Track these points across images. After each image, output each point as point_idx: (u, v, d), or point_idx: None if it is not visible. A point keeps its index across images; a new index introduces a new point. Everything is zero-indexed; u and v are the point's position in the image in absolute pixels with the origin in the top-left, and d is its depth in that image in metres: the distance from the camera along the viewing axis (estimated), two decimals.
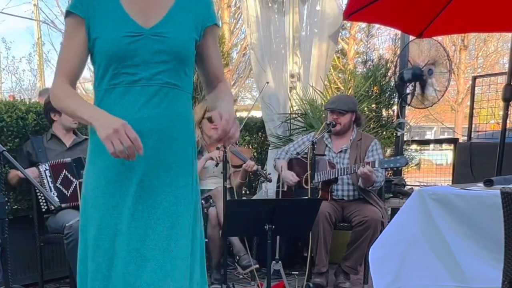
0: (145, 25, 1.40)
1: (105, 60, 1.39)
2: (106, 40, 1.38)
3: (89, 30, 1.40)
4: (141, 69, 1.39)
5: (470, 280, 2.08)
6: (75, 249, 2.69)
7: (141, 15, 1.41)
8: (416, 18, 3.84)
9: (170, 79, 1.43)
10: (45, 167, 2.94)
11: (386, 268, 2.27)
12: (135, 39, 1.38)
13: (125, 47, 1.37)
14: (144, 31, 1.40)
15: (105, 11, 1.39)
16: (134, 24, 1.40)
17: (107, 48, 1.38)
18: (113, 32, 1.38)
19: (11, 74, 17.95)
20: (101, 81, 1.42)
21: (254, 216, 2.48)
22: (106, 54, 1.38)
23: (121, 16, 1.39)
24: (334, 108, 3.29)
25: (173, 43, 1.41)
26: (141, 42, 1.39)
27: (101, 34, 1.38)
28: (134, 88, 1.39)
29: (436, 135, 16.07)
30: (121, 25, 1.39)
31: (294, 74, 4.57)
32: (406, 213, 2.31)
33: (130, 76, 1.39)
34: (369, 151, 3.28)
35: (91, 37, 1.40)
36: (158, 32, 1.41)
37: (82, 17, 1.39)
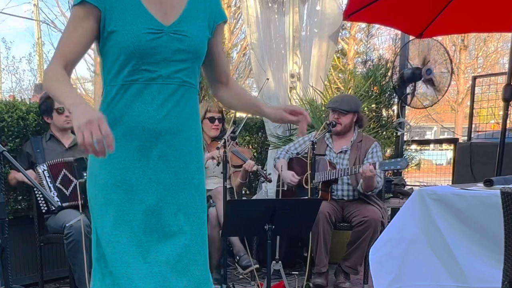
0: (164, 22, 1.39)
1: (124, 56, 1.36)
2: (127, 35, 1.35)
3: (104, 22, 1.36)
4: (160, 66, 1.38)
5: (470, 280, 2.08)
6: (75, 249, 2.72)
7: (159, 12, 1.39)
8: (416, 18, 3.85)
9: (187, 78, 1.43)
10: (43, 167, 2.94)
11: (386, 268, 2.27)
12: (157, 36, 1.37)
13: (147, 43, 1.35)
14: (164, 29, 1.38)
15: (123, 4, 1.36)
16: (155, 21, 1.37)
17: (127, 43, 1.35)
18: (134, 27, 1.35)
19: (11, 74, 17.99)
20: (117, 75, 1.39)
21: (254, 216, 2.48)
22: (126, 50, 1.35)
23: (141, 11, 1.37)
24: (336, 107, 3.28)
25: (192, 42, 1.41)
26: (161, 40, 1.37)
27: (120, 28, 1.35)
28: (153, 85, 1.38)
29: (436, 135, 16.07)
30: (142, 21, 1.36)
31: (294, 74, 4.57)
32: (406, 213, 2.31)
33: (149, 73, 1.38)
34: (369, 153, 3.28)
35: (106, 29, 1.36)
36: (177, 30, 1.39)
37: (99, 8, 1.35)
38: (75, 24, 1.37)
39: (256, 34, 4.51)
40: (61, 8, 15.91)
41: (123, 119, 1.39)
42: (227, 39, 11.32)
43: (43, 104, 3.10)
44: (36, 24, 15.89)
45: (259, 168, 3.36)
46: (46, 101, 3.09)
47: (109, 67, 1.41)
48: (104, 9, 1.35)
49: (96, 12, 1.35)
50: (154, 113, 1.38)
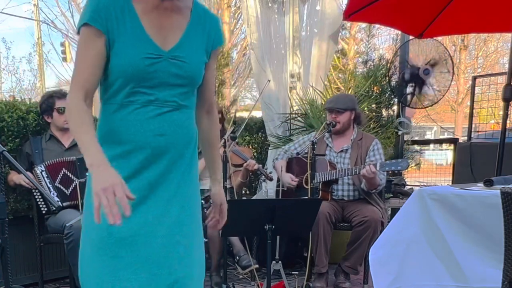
0: (163, 47, 1.40)
1: (122, 78, 1.38)
2: (126, 58, 1.36)
3: (108, 43, 1.37)
4: (158, 90, 1.40)
5: (470, 280, 2.08)
6: (75, 249, 2.71)
7: (159, 36, 1.40)
8: (417, 19, 3.84)
9: (183, 101, 1.45)
10: (41, 168, 2.93)
11: (386, 268, 2.27)
12: (155, 62, 1.38)
13: (145, 68, 1.37)
14: (163, 54, 1.39)
15: (124, 28, 1.37)
16: (154, 45, 1.39)
17: (126, 67, 1.36)
18: (133, 51, 1.37)
19: (11, 74, 17.98)
20: (115, 95, 1.41)
21: (254, 216, 2.48)
22: (124, 73, 1.37)
23: (141, 36, 1.38)
24: (332, 107, 3.28)
25: (189, 68, 1.43)
26: (160, 65, 1.39)
27: (120, 51, 1.36)
28: (149, 107, 1.40)
29: (436, 135, 16.06)
30: (141, 45, 1.37)
31: (294, 74, 4.57)
32: (406, 213, 2.31)
33: (146, 96, 1.40)
34: (370, 151, 3.28)
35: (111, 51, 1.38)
36: (176, 56, 1.41)
37: (102, 31, 1.35)
38: (85, 47, 1.37)
39: (256, 34, 4.51)
40: (61, 8, 15.88)
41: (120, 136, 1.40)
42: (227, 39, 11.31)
43: (43, 103, 3.10)
44: (36, 24, 15.89)
45: (260, 167, 3.36)
46: (47, 100, 3.09)
47: (107, 86, 1.42)
48: (106, 31, 1.36)
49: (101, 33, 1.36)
50: (150, 132, 1.40)
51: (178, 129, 1.44)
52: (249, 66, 11.73)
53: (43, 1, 17.20)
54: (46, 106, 3.09)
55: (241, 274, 3.44)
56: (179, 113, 1.44)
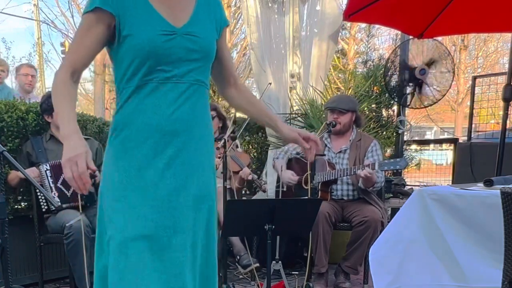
0: (176, 25, 1.45)
1: (140, 58, 1.41)
2: (142, 37, 1.40)
3: (119, 27, 1.41)
4: (175, 66, 1.44)
5: (470, 280, 2.08)
6: (75, 249, 2.72)
7: (170, 14, 1.45)
8: (417, 19, 3.84)
9: (199, 76, 1.49)
10: (46, 167, 2.94)
11: (386, 268, 2.27)
12: (170, 38, 1.42)
13: (162, 44, 1.41)
14: (177, 30, 1.44)
15: (135, 9, 1.41)
16: (167, 23, 1.43)
17: (143, 46, 1.40)
18: (148, 30, 1.41)
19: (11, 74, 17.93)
20: (132, 77, 1.44)
21: (254, 216, 2.48)
22: (141, 52, 1.40)
23: (153, 15, 1.43)
24: (335, 107, 3.28)
25: (203, 43, 1.48)
26: (175, 41, 1.43)
27: (135, 31, 1.41)
28: (167, 84, 1.44)
29: (436, 135, 16.06)
30: (155, 24, 1.42)
31: (294, 74, 4.57)
32: (406, 213, 2.31)
33: (164, 73, 1.43)
34: (369, 151, 3.28)
35: (121, 34, 1.41)
36: (189, 31, 1.46)
37: (114, 14, 1.40)
38: (85, 30, 1.43)
39: (256, 34, 4.52)
40: (61, 8, 15.91)
41: (136, 119, 1.43)
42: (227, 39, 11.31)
43: (44, 103, 3.10)
44: (36, 24, 15.90)
45: (255, 177, 3.37)
46: (47, 100, 3.09)
47: (124, 70, 1.45)
48: (118, 14, 1.40)
49: (108, 18, 1.41)
50: (166, 109, 1.43)
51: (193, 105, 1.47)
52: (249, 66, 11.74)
53: (43, 1, 17.23)
54: (46, 105, 3.09)
55: (241, 274, 3.44)
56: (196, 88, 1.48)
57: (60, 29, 15.99)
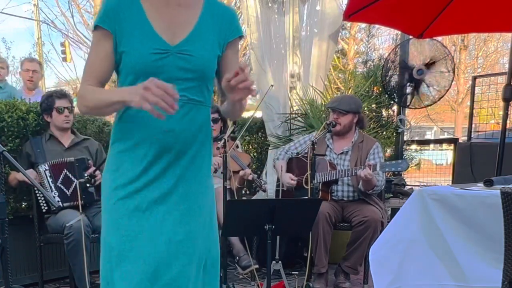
0: (171, 42, 1.42)
1: (132, 75, 1.42)
2: (134, 55, 1.40)
3: (116, 43, 1.42)
4: None
5: (470, 280, 2.08)
6: (75, 249, 2.72)
7: (167, 31, 1.43)
8: (417, 19, 3.84)
9: (193, 96, 1.46)
10: (45, 167, 2.94)
11: (386, 268, 2.27)
12: (162, 56, 1.41)
13: (152, 63, 1.40)
14: (170, 49, 1.42)
15: (132, 25, 1.41)
16: (161, 41, 1.41)
17: (134, 64, 1.40)
18: (140, 48, 1.40)
19: (11, 74, 17.93)
20: None
21: (254, 216, 2.48)
22: (133, 69, 1.41)
23: (148, 32, 1.41)
24: (335, 107, 3.28)
25: (197, 62, 1.44)
26: (167, 60, 1.41)
27: (128, 49, 1.41)
28: None
29: (436, 135, 16.06)
30: (148, 42, 1.41)
31: (294, 74, 4.57)
32: (406, 213, 2.31)
33: None
34: (370, 154, 3.27)
35: (117, 50, 1.42)
36: (184, 50, 1.43)
37: (110, 31, 1.41)
38: (95, 48, 1.46)
39: (256, 34, 4.51)
40: (61, 8, 15.90)
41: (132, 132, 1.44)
42: None
43: (44, 103, 3.11)
44: (36, 24, 15.90)
45: (255, 177, 3.37)
46: (47, 100, 3.10)
47: (121, 84, 1.47)
48: (114, 31, 1.41)
49: (109, 35, 1.42)
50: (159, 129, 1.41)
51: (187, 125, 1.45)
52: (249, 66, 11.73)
53: (43, 1, 17.22)
54: (46, 105, 3.09)
55: (241, 274, 3.44)
56: (189, 108, 1.45)
57: (60, 29, 16.00)
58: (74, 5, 15.03)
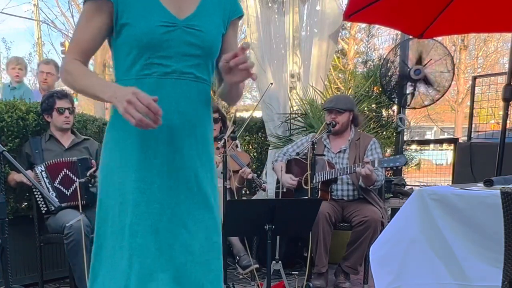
0: (178, 16, 1.37)
1: (137, 49, 1.34)
2: (139, 27, 1.33)
3: (116, 15, 1.34)
4: (174, 61, 1.36)
5: (470, 279, 2.08)
6: (75, 249, 2.72)
7: (174, 5, 1.37)
8: (417, 19, 3.84)
9: (200, 73, 1.41)
10: (41, 168, 2.94)
11: (386, 267, 2.27)
12: (169, 29, 1.34)
13: (160, 36, 1.33)
14: (178, 22, 1.36)
15: None
16: (168, 13, 1.35)
17: (140, 36, 1.33)
18: (146, 20, 1.33)
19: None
20: (130, 69, 1.37)
21: (254, 216, 2.48)
22: (138, 42, 1.34)
23: (154, 4, 1.35)
24: (332, 107, 3.28)
25: (205, 38, 1.39)
26: (175, 33, 1.35)
27: (132, 20, 1.33)
28: (166, 80, 1.36)
29: (436, 135, 16.07)
30: (155, 14, 1.34)
31: (294, 74, 4.57)
32: (406, 213, 2.31)
33: (163, 68, 1.36)
34: (368, 150, 3.29)
35: (118, 22, 1.35)
36: (191, 24, 1.37)
37: (112, 0, 1.33)
38: (86, 20, 1.37)
39: (256, 34, 4.52)
40: (61, 8, 15.94)
41: None
42: None
43: (44, 102, 3.11)
44: (36, 24, 15.91)
45: (255, 176, 3.37)
46: (47, 100, 3.10)
47: (121, 61, 1.39)
48: (116, 1, 1.34)
49: (108, 6, 1.34)
50: (168, 110, 1.34)
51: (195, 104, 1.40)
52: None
53: (43, 1, 17.25)
54: (47, 105, 3.09)
55: (241, 274, 3.44)
56: (196, 85, 1.40)
57: (60, 29, 16.02)
58: (74, 5, 15.04)
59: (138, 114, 1.18)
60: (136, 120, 1.18)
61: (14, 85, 4.37)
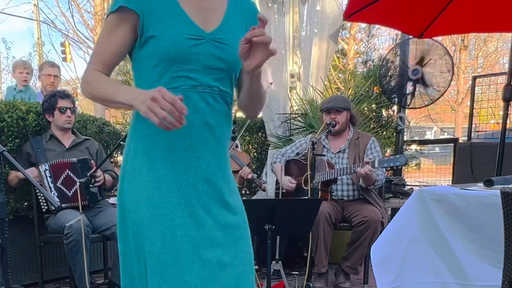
0: (205, 29, 1.34)
1: (165, 62, 1.32)
2: (167, 40, 1.30)
3: (142, 27, 1.32)
4: (201, 74, 1.34)
5: (470, 278, 2.08)
6: (75, 249, 2.72)
7: (199, 17, 1.34)
8: (417, 19, 3.84)
9: (224, 87, 1.39)
10: (45, 167, 2.94)
11: (387, 267, 2.27)
12: (197, 43, 1.32)
13: (188, 49, 1.31)
14: (205, 35, 1.34)
15: (163, 9, 1.32)
16: (195, 26, 1.33)
17: (168, 49, 1.30)
18: (174, 32, 1.31)
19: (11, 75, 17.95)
20: (155, 82, 1.32)
21: (254, 216, 2.47)
22: (166, 55, 1.31)
23: (181, 16, 1.32)
24: (332, 106, 3.28)
25: (231, 52, 1.36)
26: (202, 47, 1.33)
27: (160, 33, 1.31)
28: (193, 94, 1.33)
29: (436, 135, 16.06)
30: (182, 26, 1.32)
31: (294, 74, 4.57)
32: (406, 213, 2.31)
33: (190, 81, 1.33)
34: (368, 149, 3.29)
35: (144, 34, 1.32)
36: (218, 38, 1.35)
37: (138, 12, 1.30)
38: (109, 32, 1.34)
39: None
40: (61, 8, 15.96)
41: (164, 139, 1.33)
42: None
43: (46, 102, 3.12)
44: (36, 24, 15.91)
45: (254, 176, 3.37)
46: (49, 99, 3.10)
47: (145, 74, 1.36)
48: (142, 13, 1.31)
49: (133, 18, 1.32)
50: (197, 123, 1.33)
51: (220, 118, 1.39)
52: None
53: (43, 1, 17.25)
54: (48, 104, 3.10)
55: None
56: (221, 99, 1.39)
57: (60, 29, 16.03)
58: (74, 5, 15.07)
59: (162, 111, 1.12)
60: (160, 118, 1.13)
61: (20, 88, 4.38)
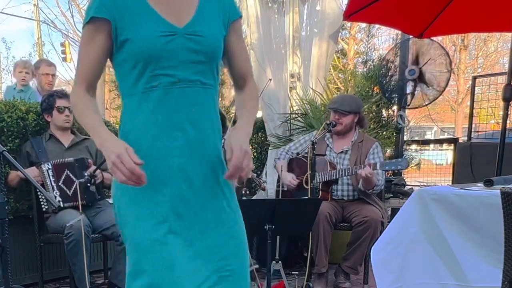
0: (177, 24, 1.36)
1: (141, 62, 1.35)
2: (141, 40, 1.33)
3: (116, 32, 1.35)
4: (179, 70, 1.36)
5: (470, 279, 2.08)
6: (75, 249, 2.72)
7: (171, 14, 1.36)
8: (417, 19, 3.84)
9: (206, 79, 1.40)
10: (48, 166, 2.94)
11: (388, 267, 2.28)
12: (171, 39, 1.34)
13: (162, 47, 1.33)
14: (178, 31, 1.35)
15: (132, 11, 1.34)
16: (167, 23, 1.35)
17: (142, 49, 1.33)
18: (147, 32, 1.33)
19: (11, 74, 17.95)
20: (135, 84, 1.37)
21: (254, 216, 2.48)
22: (142, 55, 1.34)
23: (151, 16, 1.35)
24: (336, 108, 3.28)
25: (207, 42, 1.38)
26: (176, 42, 1.35)
27: (133, 35, 1.34)
28: (173, 90, 1.36)
29: (436, 135, 16.06)
30: (154, 25, 1.34)
31: (294, 74, 4.57)
32: (406, 213, 2.31)
33: (169, 78, 1.35)
34: (370, 153, 3.27)
35: (118, 39, 1.35)
36: (192, 31, 1.37)
37: (109, 18, 1.33)
38: (87, 43, 1.38)
39: (256, 34, 4.52)
40: (61, 8, 15.95)
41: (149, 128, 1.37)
42: None
43: (44, 102, 3.12)
44: (36, 24, 15.92)
45: (254, 176, 3.36)
46: (47, 99, 3.10)
47: (126, 77, 1.39)
48: (113, 19, 1.34)
49: (106, 25, 1.35)
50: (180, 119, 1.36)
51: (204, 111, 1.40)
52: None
53: (43, 1, 17.24)
54: (47, 104, 3.10)
55: None
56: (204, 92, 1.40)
57: (60, 29, 16.02)
58: (74, 5, 15.06)
59: (122, 176, 1.23)
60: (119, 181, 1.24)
61: (20, 88, 4.39)
